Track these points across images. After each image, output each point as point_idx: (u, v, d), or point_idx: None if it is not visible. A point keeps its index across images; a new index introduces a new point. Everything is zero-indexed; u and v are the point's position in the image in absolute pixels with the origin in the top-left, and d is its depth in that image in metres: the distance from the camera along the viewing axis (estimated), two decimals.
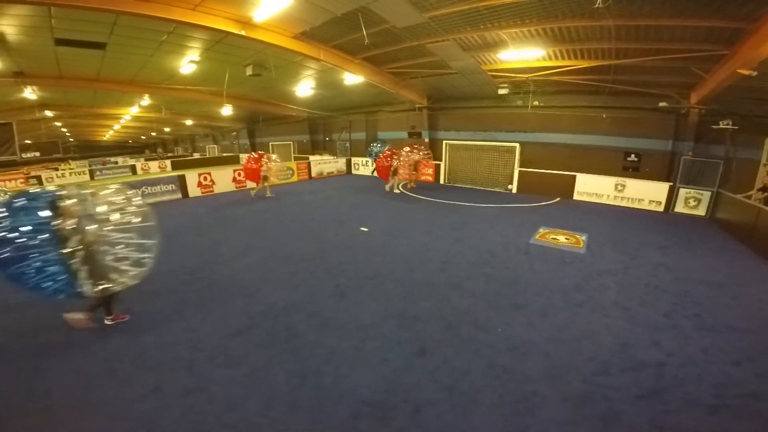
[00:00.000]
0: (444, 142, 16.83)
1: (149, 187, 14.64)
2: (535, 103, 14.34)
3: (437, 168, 17.40)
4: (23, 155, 29.19)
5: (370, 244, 8.33)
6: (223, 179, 16.59)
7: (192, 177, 15.77)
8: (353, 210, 11.94)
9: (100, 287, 4.62)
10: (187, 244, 8.55)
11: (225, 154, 35.97)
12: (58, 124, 31.30)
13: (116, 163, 34.61)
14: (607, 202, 12.68)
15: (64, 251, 4.42)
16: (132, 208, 4.98)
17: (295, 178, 19.59)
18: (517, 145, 14.69)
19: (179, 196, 15.15)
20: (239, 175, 16.82)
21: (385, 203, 12.84)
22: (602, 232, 9.17)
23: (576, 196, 13.31)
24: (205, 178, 16.08)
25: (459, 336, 4.73)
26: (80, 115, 27.39)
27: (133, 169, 30.99)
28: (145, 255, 4.93)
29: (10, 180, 26.57)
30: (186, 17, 8.59)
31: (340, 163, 22.10)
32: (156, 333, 4.86)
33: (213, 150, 38.50)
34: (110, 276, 4.71)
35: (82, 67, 13.71)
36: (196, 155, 39.97)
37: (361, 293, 5.94)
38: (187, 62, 12.98)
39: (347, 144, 24.05)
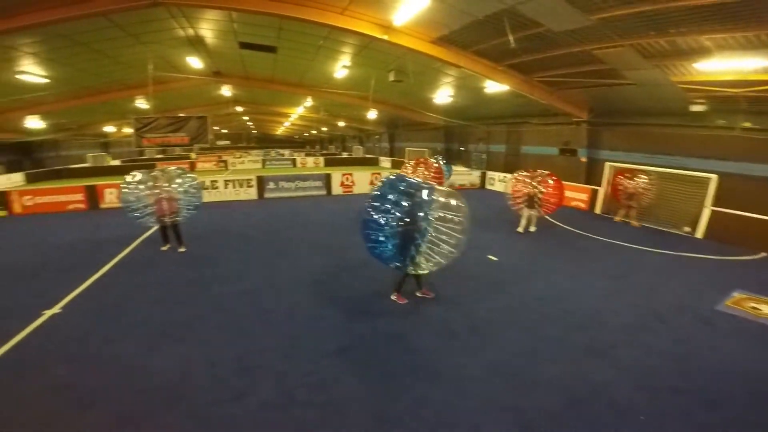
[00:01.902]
0: (607, 164, 13.81)
1: (301, 182, 16.69)
2: (746, 124, 10.69)
3: (593, 194, 14.21)
4: (218, 142, 36.72)
5: (497, 277, 7.11)
6: (362, 181, 17.49)
7: (336, 176, 17.24)
8: (484, 232, 10.36)
9: (418, 266, 5.41)
10: (320, 242, 9.07)
11: (367, 156, 38.54)
12: (245, 118, 38.43)
13: (282, 155, 40.57)
14: None
15: (408, 231, 5.15)
16: (454, 204, 5.37)
17: None
18: (714, 177, 11.09)
19: (324, 192, 16.85)
20: (376, 177, 17.35)
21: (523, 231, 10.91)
22: None
23: None
24: (347, 179, 17.24)
25: (584, 416, 3.50)
26: (261, 111, 33.04)
27: (294, 162, 35.80)
28: (453, 248, 5.37)
29: (207, 161, 33.94)
30: (336, 21, 9.09)
31: (473, 176, 20.80)
32: None
33: (358, 151, 41.65)
34: (427, 259, 5.39)
35: (260, 69, 16.28)
36: (345, 154, 43.88)
37: (474, 337, 4.99)
38: (341, 67, 14.03)
39: (483, 156, 22.73)
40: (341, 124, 35.13)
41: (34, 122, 18.41)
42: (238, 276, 7.01)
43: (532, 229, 10.52)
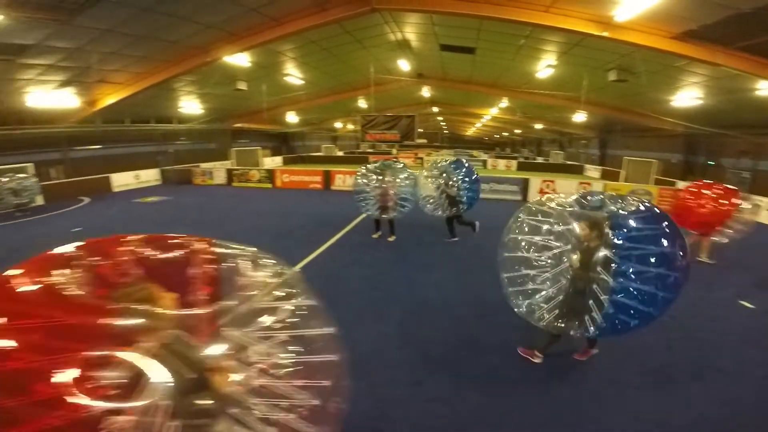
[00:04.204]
0: None
1: (495, 185, 16.38)
2: None
3: None
4: (417, 140, 40.04)
5: (742, 324, 5.41)
6: (566, 191, 15.60)
7: (535, 182, 15.92)
8: (733, 270, 7.67)
9: (565, 325, 3.79)
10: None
11: (568, 162, 34.84)
12: (440, 118, 40.54)
13: (472, 156, 41.01)
14: None
15: (559, 273, 3.77)
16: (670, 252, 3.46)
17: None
18: None
19: (520, 198, 15.62)
20: (585, 187, 15.20)
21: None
22: None
23: None
24: (548, 186, 15.71)
25: None
26: (454, 112, 34.23)
27: (484, 164, 35.69)
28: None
29: (406, 158, 37.61)
30: (539, 19, 8.49)
31: None
32: None
33: (557, 156, 37.96)
34: (583, 317, 3.67)
35: (458, 70, 16.82)
36: (539, 159, 40.79)
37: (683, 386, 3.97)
38: (544, 66, 13.03)
39: (745, 175, 17.09)
40: (538, 126, 32.64)
41: (291, 117, 24.10)
42: (432, 267, 7.40)
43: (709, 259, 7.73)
